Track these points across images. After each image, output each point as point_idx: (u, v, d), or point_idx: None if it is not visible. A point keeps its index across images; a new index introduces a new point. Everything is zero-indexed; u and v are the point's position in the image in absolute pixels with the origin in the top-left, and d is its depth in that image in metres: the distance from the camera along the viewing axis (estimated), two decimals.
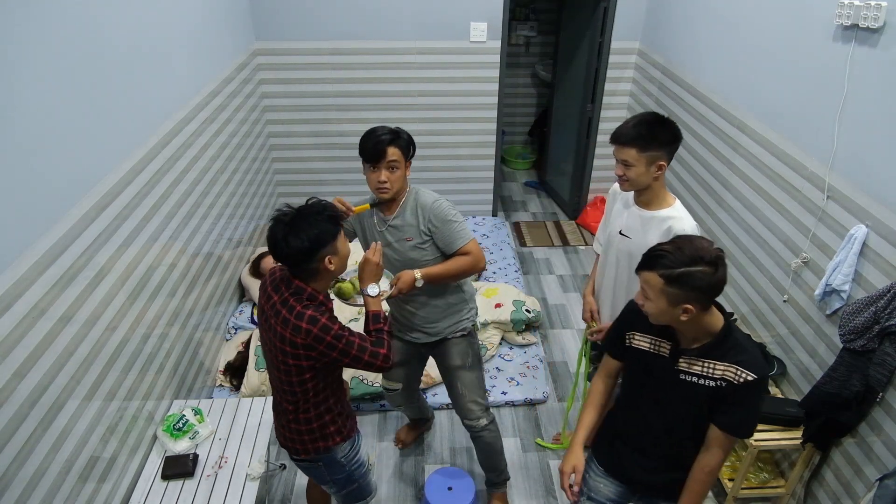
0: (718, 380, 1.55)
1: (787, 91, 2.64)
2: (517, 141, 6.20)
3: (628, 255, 2.13)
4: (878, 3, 2.07)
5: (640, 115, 2.00)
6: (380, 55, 4.14)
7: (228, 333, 3.43)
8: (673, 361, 1.62)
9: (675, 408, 1.66)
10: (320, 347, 1.66)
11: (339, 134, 4.41)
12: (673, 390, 1.63)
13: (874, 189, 2.14)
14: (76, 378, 1.89)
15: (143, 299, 2.35)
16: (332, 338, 1.67)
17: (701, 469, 1.64)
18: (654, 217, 2.05)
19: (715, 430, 1.60)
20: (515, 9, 5.39)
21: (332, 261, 1.68)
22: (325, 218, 1.64)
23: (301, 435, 1.88)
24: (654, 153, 1.95)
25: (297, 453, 1.95)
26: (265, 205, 4.27)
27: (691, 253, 1.45)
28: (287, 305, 1.68)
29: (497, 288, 3.63)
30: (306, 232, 1.60)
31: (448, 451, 2.91)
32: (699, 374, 1.57)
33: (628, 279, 2.17)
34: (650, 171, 1.97)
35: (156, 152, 2.50)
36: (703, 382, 1.57)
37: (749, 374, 1.51)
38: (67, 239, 1.87)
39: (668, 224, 2.00)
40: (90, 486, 1.95)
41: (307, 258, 1.63)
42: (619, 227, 2.16)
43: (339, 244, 1.70)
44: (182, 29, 2.84)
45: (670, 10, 3.82)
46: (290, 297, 1.69)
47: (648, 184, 2.02)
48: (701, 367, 1.57)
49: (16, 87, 1.67)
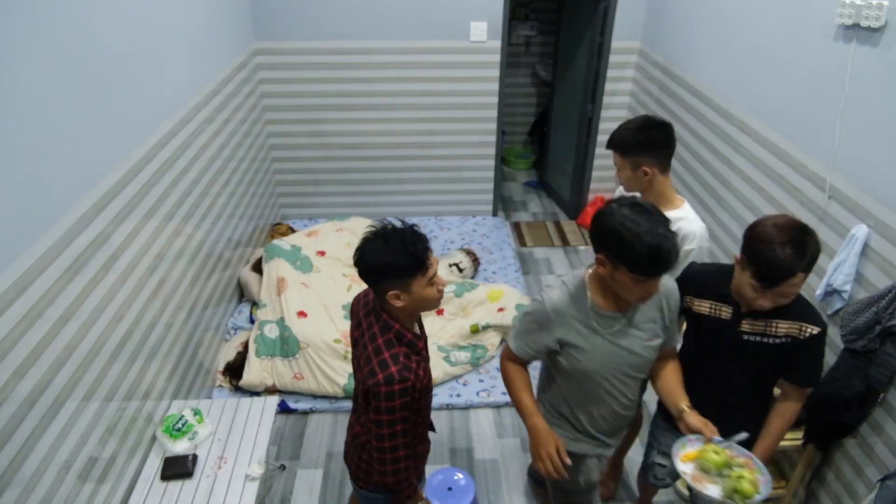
0: (783, 337, 1.68)
1: (788, 91, 2.63)
2: (517, 141, 6.19)
3: None
4: (879, 3, 2.06)
5: (634, 120, 2.00)
6: (380, 55, 4.13)
7: (228, 334, 3.43)
8: (735, 324, 1.73)
9: (735, 366, 1.78)
10: (373, 402, 1.58)
11: (339, 134, 4.41)
12: (735, 350, 1.75)
13: (875, 189, 2.13)
14: (75, 378, 1.88)
15: (142, 299, 2.34)
16: (384, 405, 1.54)
17: (780, 416, 1.80)
18: None
19: (785, 383, 1.77)
20: (515, 9, 5.38)
21: (400, 297, 1.55)
22: (406, 252, 1.49)
23: (371, 465, 1.75)
24: (637, 158, 1.95)
25: (358, 481, 1.87)
26: (265, 205, 4.27)
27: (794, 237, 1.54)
28: (374, 343, 1.60)
29: (501, 291, 3.61)
30: (380, 256, 1.51)
31: (448, 451, 2.90)
32: (762, 333, 1.70)
33: None
34: (636, 175, 1.98)
35: (155, 152, 2.50)
36: (768, 341, 1.70)
37: (814, 329, 1.66)
38: (66, 239, 1.87)
39: (677, 226, 1.95)
40: (89, 487, 1.95)
41: (373, 282, 1.56)
42: None
43: (416, 285, 1.53)
44: (181, 29, 2.84)
45: (671, 10, 3.81)
46: (378, 334, 1.60)
47: (642, 188, 2.02)
48: (764, 327, 1.69)
49: (14, 87, 1.67)
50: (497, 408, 3.13)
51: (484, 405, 3.13)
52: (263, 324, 3.25)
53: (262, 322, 3.27)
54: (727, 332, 1.75)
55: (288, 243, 3.71)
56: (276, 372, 3.09)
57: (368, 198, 4.73)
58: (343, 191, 4.68)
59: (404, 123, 4.42)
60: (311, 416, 3.08)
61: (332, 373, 3.04)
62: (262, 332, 3.20)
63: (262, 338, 3.18)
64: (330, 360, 3.06)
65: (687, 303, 1.83)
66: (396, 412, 1.56)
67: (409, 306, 1.57)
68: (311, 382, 3.06)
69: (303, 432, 2.99)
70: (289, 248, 3.64)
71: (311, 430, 3.01)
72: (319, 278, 3.58)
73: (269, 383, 3.07)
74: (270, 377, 3.08)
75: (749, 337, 1.72)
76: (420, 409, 1.73)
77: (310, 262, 3.66)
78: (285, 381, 3.08)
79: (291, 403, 3.08)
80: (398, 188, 4.71)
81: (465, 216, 4.86)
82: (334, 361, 3.07)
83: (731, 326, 1.74)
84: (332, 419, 3.06)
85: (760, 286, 1.58)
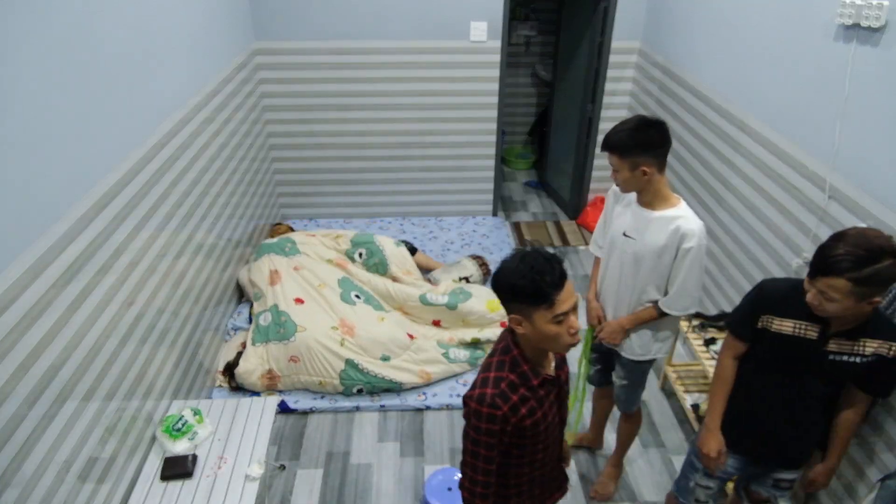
0: (871, 356, 1.67)
1: (788, 91, 2.63)
2: (517, 141, 6.19)
3: (633, 257, 2.11)
4: (879, 3, 2.06)
5: (628, 121, 1.99)
6: (380, 55, 4.13)
7: (227, 334, 3.43)
8: (822, 343, 1.70)
9: (817, 385, 1.77)
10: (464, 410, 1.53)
11: (339, 134, 4.41)
12: (818, 369, 1.73)
13: (876, 189, 2.13)
14: (75, 378, 1.88)
15: (142, 299, 2.34)
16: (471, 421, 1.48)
17: (847, 425, 1.82)
18: (660, 217, 2.03)
19: (859, 393, 1.77)
20: (515, 8, 5.38)
21: (522, 324, 1.45)
22: (532, 280, 1.39)
23: None
24: (636, 159, 1.94)
25: None
26: (265, 205, 4.27)
27: (869, 248, 1.48)
28: (491, 358, 1.53)
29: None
30: (509, 276, 1.43)
31: (448, 451, 2.90)
32: (850, 352, 1.68)
33: (633, 280, 2.15)
34: (635, 175, 1.97)
35: (155, 152, 2.50)
36: (853, 360, 1.68)
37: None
38: (66, 239, 1.86)
39: (675, 224, 1.99)
40: (89, 487, 1.94)
41: (502, 301, 1.48)
42: (622, 229, 2.14)
43: (538, 317, 1.41)
44: (181, 28, 2.84)
45: (671, 10, 3.81)
46: (498, 351, 1.53)
47: (640, 188, 2.02)
48: (852, 347, 1.67)
49: (14, 87, 1.67)
50: None
51: None
52: (258, 315, 3.28)
53: (257, 314, 3.29)
54: (811, 351, 1.72)
55: (274, 238, 3.80)
56: (271, 357, 3.09)
57: (368, 198, 4.73)
58: (343, 191, 4.68)
59: (404, 123, 4.41)
60: (311, 416, 3.08)
61: (329, 356, 3.05)
62: (258, 322, 3.24)
63: (257, 328, 3.21)
64: (328, 343, 3.07)
65: (764, 323, 1.79)
66: (481, 434, 1.47)
67: (530, 336, 1.46)
68: (308, 365, 3.05)
69: (303, 432, 2.99)
70: (275, 241, 3.70)
71: (311, 430, 3.01)
72: (309, 260, 3.61)
73: (266, 368, 3.07)
74: (266, 363, 3.08)
75: (834, 357, 1.70)
76: (522, 456, 1.58)
77: (296, 247, 3.69)
78: (281, 365, 3.07)
79: (291, 403, 3.08)
80: (398, 188, 4.71)
81: (465, 216, 4.86)
82: (332, 346, 3.07)
83: (816, 346, 1.71)
84: (332, 419, 3.06)
85: (809, 276, 1.58)
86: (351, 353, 3.08)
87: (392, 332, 3.22)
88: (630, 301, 2.20)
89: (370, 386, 3.08)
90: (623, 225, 2.14)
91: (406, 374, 3.13)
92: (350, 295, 3.39)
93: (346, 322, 3.21)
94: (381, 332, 3.20)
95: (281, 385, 3.12)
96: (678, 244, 2.00)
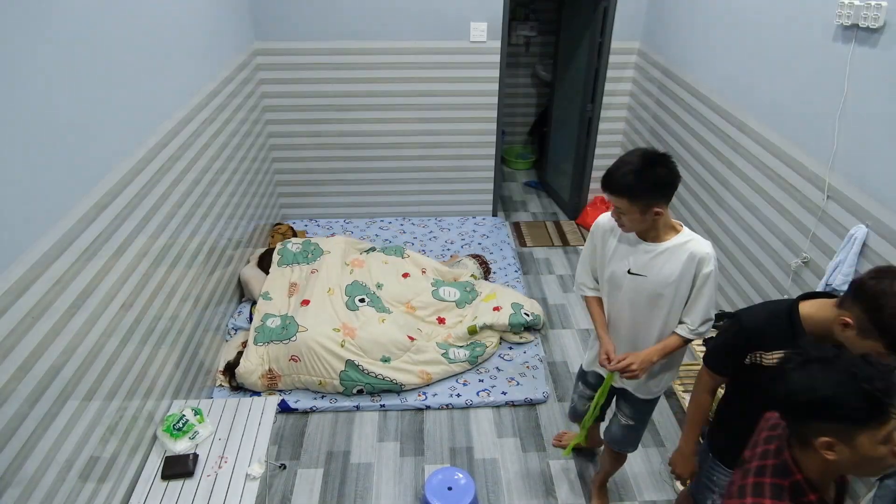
0: None
1: (788, 91, 2.64)
2: (517, 141, 6.20)
3: (648, 295, 1.96)
4: (878, 3, 2.07)
5: (630, 159, 1.80)
6: (380, 55, 4.14)
7: (228, 334, 3.44)
8: None
9: None
10: None
11: (339, 134, 4.42)
12: None
13: (874, 189, 2.14)
14: (76, 377, 1.89)
15: (142, 299, 2.35)
16: None
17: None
18: (669, 249, 1.89)
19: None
20: (515, 9, 5.39)
21: (834, 448, 1.12)
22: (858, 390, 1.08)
23: None
24: (648, 201, 1.79)
25: None
26: (265, 205, 4.27)
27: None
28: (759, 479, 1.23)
29: (494, 293, 3.63)
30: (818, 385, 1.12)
31: (448, 451, 2.91)
32: None
33: (649, 317, 2.00)
34: (646, 217, 1.82)
35: (155, 152, 2.50)
36: None
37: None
38: (67, 239, 1.87)
39: (688, 252, 1.87)
40: (90, 486, 1.95)
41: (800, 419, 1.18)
42: (625, 268, 1.97)
43: (863, 439, 1.09)
44: (183, 29, 2.84)
45: (670, 10, 3.82)
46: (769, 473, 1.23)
47: (647, 227, 1.88)
48: None
49: (15, 87, 1.67)
50: (497, 407, 3.13)
51: (484, 405, 3.13)
52: (267, 316, 3.29)
53: (266, 314, 3.31)
54: None
55: (299, 242, 3.83)
56: (271, 357, 3.10)
57: (368, 198, 4.73)
58: (343, 191, 4.69)
59: (404, 123, 4.42)
60: (312, 416, 3.09)
61: (330, 357, 3.06)
62: (265, 323, 3.25)
63: (262, 328, 3.22)
64: (328, 345, 3.08)
65: (753, 359, 1.71)
66: None
67: (842, 462, 1.14)
68: (308, 365, 3.06)
69: (303, 432, 3.00)
70: (300, 250, 3.77)
71: (312, 429, 3.01)
72: (326, 262, 3.65)
73: (266, 368, 3.08)
74: (266, 362, 3.10)
75: None
76: None
77: (319, 248, 3.77)
78: (281, 365, 3.09)
79: (292, 403, 3.08)
80: (398, 188, 4.71)
81: (465, 216, 4.87)
82: (332, 347, 3.08)
83: None
84: (333, 419, 3.07)
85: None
86: (351, 355, 3.09)
87: (392, 334, 3.23)
88: (651, 337, 2.04)
89: (370, 386, 3.09)
90: (627, 263, 1.97)
91: (406, 374, 3.14)
92: (355, 301, 3.41)
93: (347, 325, 3.23)
94: (382, 334, 3.21)
95: (281, 385, 3.12)
96: (696, 271, 1.88)
